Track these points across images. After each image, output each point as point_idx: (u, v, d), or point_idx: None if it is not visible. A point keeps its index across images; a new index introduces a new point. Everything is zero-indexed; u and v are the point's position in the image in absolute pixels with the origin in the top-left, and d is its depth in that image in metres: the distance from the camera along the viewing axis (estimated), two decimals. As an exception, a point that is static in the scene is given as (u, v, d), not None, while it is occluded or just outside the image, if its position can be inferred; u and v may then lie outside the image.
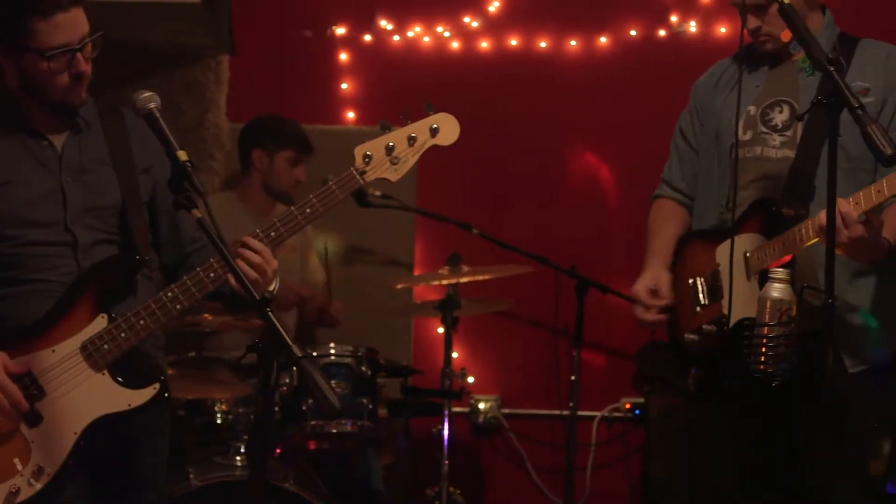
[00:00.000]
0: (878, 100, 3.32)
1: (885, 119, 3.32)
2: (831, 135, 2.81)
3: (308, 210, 2.98)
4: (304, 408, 4.17)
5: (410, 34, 5.45)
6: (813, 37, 2.95)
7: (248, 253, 2.91)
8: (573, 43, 5.39)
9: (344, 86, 5.49)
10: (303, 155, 4.84)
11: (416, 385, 4.78)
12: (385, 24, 5.46)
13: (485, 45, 5.43)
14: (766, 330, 3.12)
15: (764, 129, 3.40)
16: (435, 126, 3.05)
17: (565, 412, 5.13)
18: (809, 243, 3.15)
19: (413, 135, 3.05)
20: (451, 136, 3.08)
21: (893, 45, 3.45)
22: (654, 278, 3.52)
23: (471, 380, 5.33)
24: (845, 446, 3.22)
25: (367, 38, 5.48)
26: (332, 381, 4.21)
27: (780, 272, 3.14)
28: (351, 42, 5.50)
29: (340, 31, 5.49)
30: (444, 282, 4.59)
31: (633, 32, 5.36)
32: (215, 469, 4.03)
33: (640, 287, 3.52)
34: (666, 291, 3.49)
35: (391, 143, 3.03)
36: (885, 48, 3.42)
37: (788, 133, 3.37)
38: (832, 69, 2.80)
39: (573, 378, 4.91)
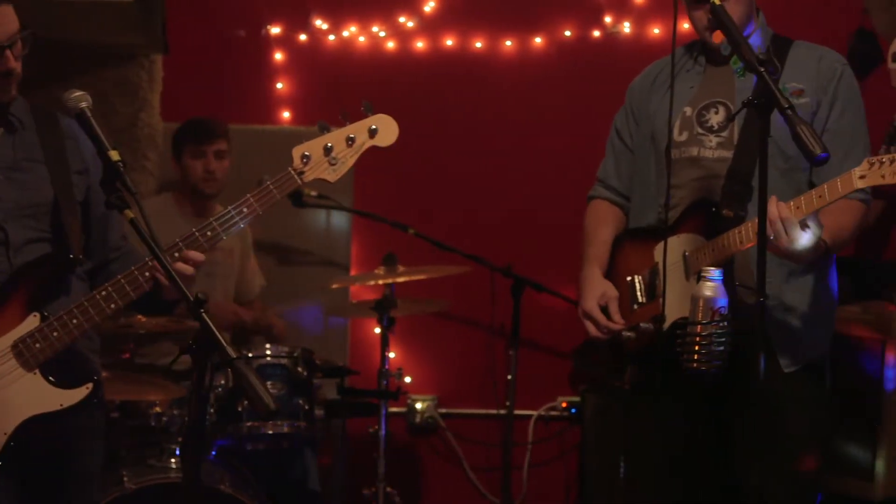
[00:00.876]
0: (812, 100, 3.36)
1: (820, 119, 3.36)
2: (762, 135, 2.83)
3: (245, 210, 2.97)
4: (239, 409, 4.15)
5: (346, 34, 5.43)
6: (744, 38, 2.98)
7: (186, 258, 2.89)
8: (508, 43, 5.40)
9: (279, 85, 5.46)
10: (203, 144, 4.76)
11: (352, 385, 4.77)
12: (320, 23, 5.44)
13: (420, 45, 5.43)
14: (699, 328, 3.14)
15: (700, 131, 3.42)
16: (374, 127, 3.05)
17: (502, 411, 5.15)
18: (748, 246, 3.17)
19: (352, 136, 3.04)
20: (390, 138, 3.08)
21: (825, 46, 3.49)
22: (603, 296, 3.50)
23: (408, 380, 5.33)
24: (778, 446, 3.24)
25: (302, 37, 5.46)
26: (268, 382, 4.20)
27: (712, 271, 3.16)
28: (286, 42, 5.47)
29: (275, 30, 5.46)
30: (381, 282, 4.59)
31: (567, 33, 5.38)
32: (149, 471, 4.00)
33: (592, 305, 3.50)
34: (617, 314, 3.48)
35: (329, 144, 3.02)
36: (817, 49, 3.46)
37: (724, 134, 3.39)
38: (762, 70, 2.83)
39: (509, 377, 4.93)
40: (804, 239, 3.08)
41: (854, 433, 4.08)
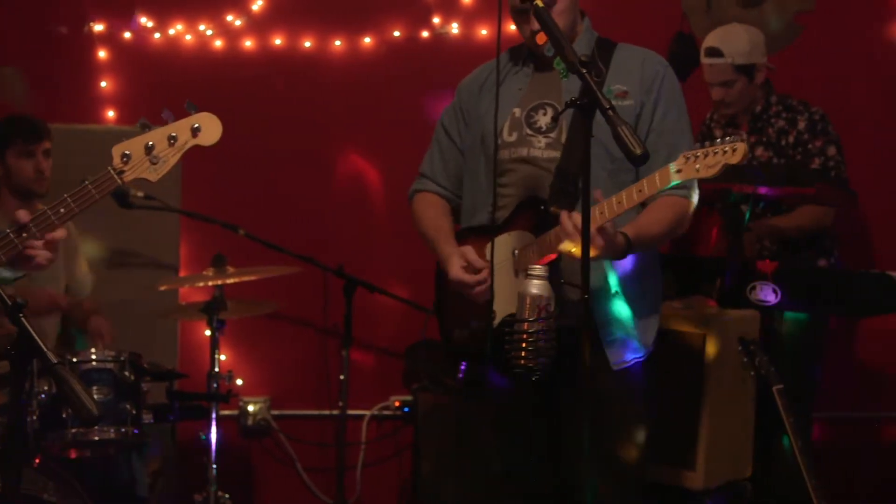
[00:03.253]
0: (636, 102, 3.44)
1: (644, 121, 3.44)
2: (585, 135, 2.88)
3: (62, 210, 2.89)
4: (63, 415, 4.04)
5: (172, 32, 5.35)
6: (566, 39, 3.03)
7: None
8: (337, 43, 5.39)
9: (103, 84, 5.34)
10: (32, 144, 4.64)
11: (182, 389, 4.70)
12: (145, 21, 5.34)
13: (248, 44, 5.37)
14: (525, 325, 3.19)
15: (529, 131, 3.47)
16: (196, 125, 3.00)
17: (335, 412, 5.14)
18: (559, 246, 3.23)
19: (173, 134, 2.99)
20: (213, 136, 3.03)
21: (648, 49, 3.58)
22: (461, 257, 3.44)
23: (239, 382, 5.29)
24: (605, 443, 3.31)
25: (127, 35, 5.35)
26: (94, 387, 4.10)
27: (538, 269, 3.22)
28: (110, 39, 5.36)
29: (98, 28, 5.34)
30: (210, 283, 4.52)
31: (396, 33, 5.40)
32: (-31, 482, 3.87)
33: (457, 273, 3.43)
34: (476, 260, 3.41)
35: (150, 143, 2.96)
36: (640, 52, 3.54)
37: (553, 135, 3.44)
38: (584, 71, 2.88)
39: (342, 377, 4.93)
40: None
41: (677, 424, 4.19)
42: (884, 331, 5.49)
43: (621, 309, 3.45)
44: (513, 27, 3.58)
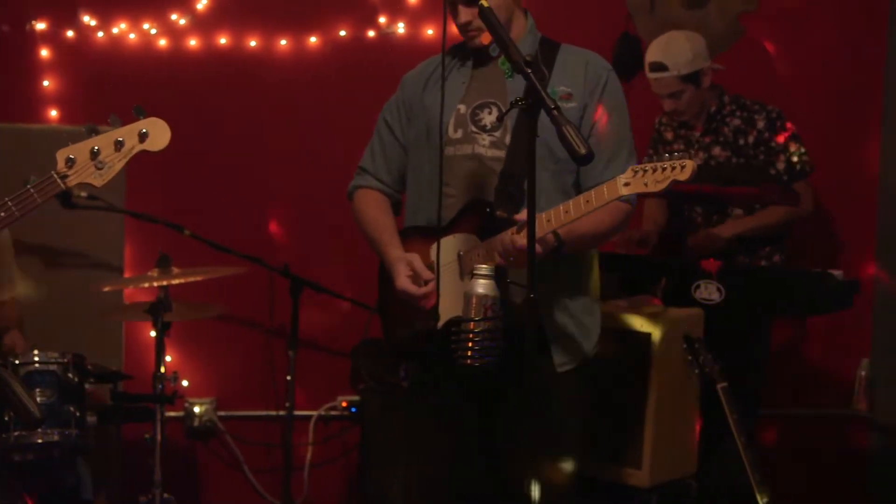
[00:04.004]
0: (580, 104, 3.45)
1: (587, 122, 3.45)
2: (530, 136, 2.90)
3: (3, 214, 2.87)
4: (6, 419, 4.00)
5: (115, 31, 5.30)
6: (511, 39, 3.04)
7: None
8: (283, 42, 5.37)
9: (46, 83, 5.28)
10: None
11: (127, 390, 4.66)
12: (88, 19, 5.29)
13: (193, 43, 5.34)
14: (471, 325, 3.20)
15: (474, 129, 3.47)
16: (144, 131, 2.98)
17: (282, 412, 5.12)
18: (499, 260, 3.25)
19: (120, 139, 2.97)
20: (161, 142, 3.01)
21: (591, 50, 3.59)
22: (408, 266, 3.45)
23: (185, 383, 5.26)
24: (547, 443, 3.32)
25: (70, 33, 5.29)
26: (37, 390, 4.06)
27: (483, 268, 3.22)
28: (52, 38, 5.30)
29: (41, 26, 5.28)
30: (155, 284, 4.49)
31: (342, 33, 5.38)
32: None
33: (404, 282, 3.43)
34: (423, 270, 3.43)
35: (97, 148, 2.94)
36: (584, 54, 3.55)
37: (497, 134, 3.45)
38: (529, 71, 2.89)
39: (289, 378, 4.91)
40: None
41: (622, 423, 4.21)
42: (826, 329, 5.56)
43: (565, 310, 3.46)
44: (459, 26, 3.59)
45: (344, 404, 5.45)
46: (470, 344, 3.19)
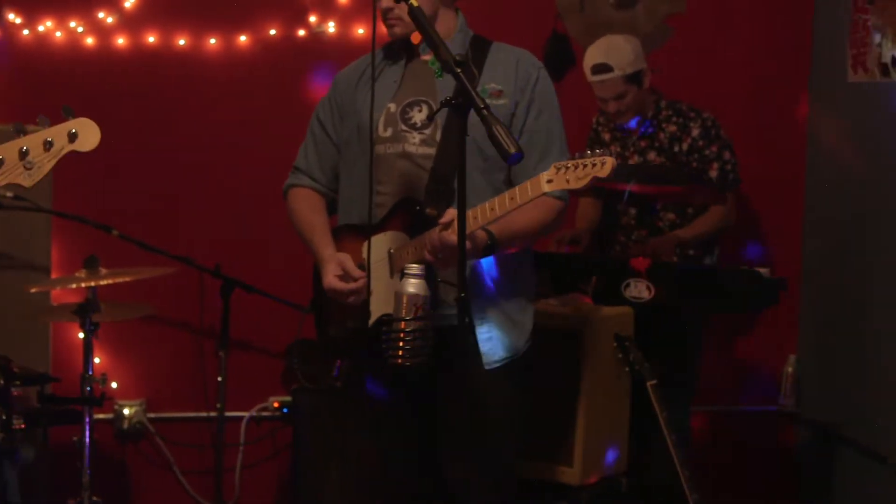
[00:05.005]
0: (510, 102, 3.46)
1: (518, 120, 3.47)
2: (460, 135, 2.91)
3: (-71, 214, 2.83)
4: (-70, 423, 3.94)
5: (41, 28, 5.22)
6: (441, 39, 3.05)
7: None
8: (213, 41, 5.33)
9: (-30, 81, 5.21)
10: None
11: (54, 393, 4.61)
12: (13, 17, 5.20)
13: (121, 41, 5.28)
14: (402, 324, 3.20)
15: (404, 127, 3.48)
16: (74, 131, 2.94)
17: (213, 413, 5.09)
18: (428, 258, 3.26)
19: (50, 139, 2.92)
20: (91, 143, 2.97)
21: (523, 48, 3.61)
22: (338, 265, 3.45)
23: (114, 385, 5.21)
24: (479, 441, 3.34)
25: (-6, 32, 5.23)
26: (-40, 393, 4.02)
27: (414, 267, 3.23)
28: (-25, 36, 5.23)
29: (-37, 24, 5.21)
30: (83, 285, 4.45)
31: (272, 32, 5.36)
32: None
33: (331, 281, 3.43)
34: (353, 269, 3.43)
35: (25, 148, 2.89)
36: (515, 52, 3.57)
37: (427, 132, 3.45)
38: (459, 70, 2.90)
39: (220, 379, 4.88)
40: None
41: (553, 421, 4.24)
42: (754, 326, 5.64)
43: (496, 308, 3.48)
44: (390, 26, 3.59)
45: (276, 405, 5.43)
46: (401, 343, 3.20)
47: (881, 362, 4.95)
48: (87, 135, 2.95)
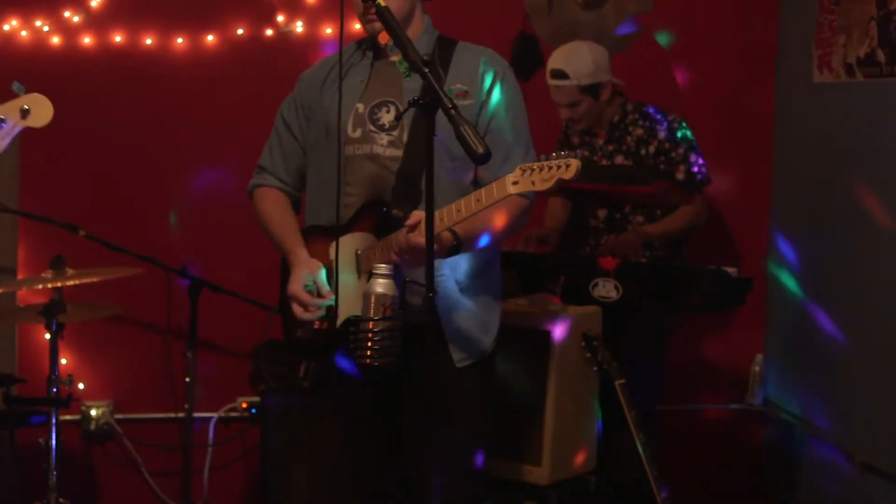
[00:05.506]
0: (476, 101, 3.46)
1: (483, 120, 3.47)
2: (428, 135, 2.91)
3: None
4: None
5: (7, 27, 5.18)
6: (409, 39, 3.05)
7: None
8: (180, 41, 5.31)
9: (-66, 81, 5.16)
10: None
11: (20, 394, 4.59)
12: (-22, 16, 5.18)
13: (87, 40, 5.25)
14: (370, 324, 3.20)
15: (372, 128, 3.47)
16: (25, 107, 2.92)
17: (181, 414, 5.07)
18: (394, 259, 3.26)
19: (1, 117, 2.90)
20: (44, 118, 2.95)
21: (488, 47, 3.61)
22: (310, 274, 3.45)
23: (81, 386, 5.17)
24: (448, 440, 3.34)
25: (-41, 31, 5.19)
26: (-74, 395, 3.99)
27: (382, 268, 3.23)
28: (-60, 34, 5.19)
29: (-71, 22, 5.16)
30: (49, 285, 4.42)
31: (240, 31, 5.34)
32: None
33: (296, 287, 3.43)
34: (323, 285, 3.43)
35: (-25, 126, 2.88)
36: (481, 51, 3.56)
37: (395, 133, 3.45)
38: (426, 70, 2.91)
39: (188, 379, 4.86)
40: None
41: (521, 420, 4.24)
42: (721, 325, 5.66)
43: (463, 307, 3.48)
44: (357, 26, 3.58)
45: (244, 405, 5.42)
46: (369, 343, 3.20)
47: (847, 361, 4.98)
48: (40, 110, 2.92)
